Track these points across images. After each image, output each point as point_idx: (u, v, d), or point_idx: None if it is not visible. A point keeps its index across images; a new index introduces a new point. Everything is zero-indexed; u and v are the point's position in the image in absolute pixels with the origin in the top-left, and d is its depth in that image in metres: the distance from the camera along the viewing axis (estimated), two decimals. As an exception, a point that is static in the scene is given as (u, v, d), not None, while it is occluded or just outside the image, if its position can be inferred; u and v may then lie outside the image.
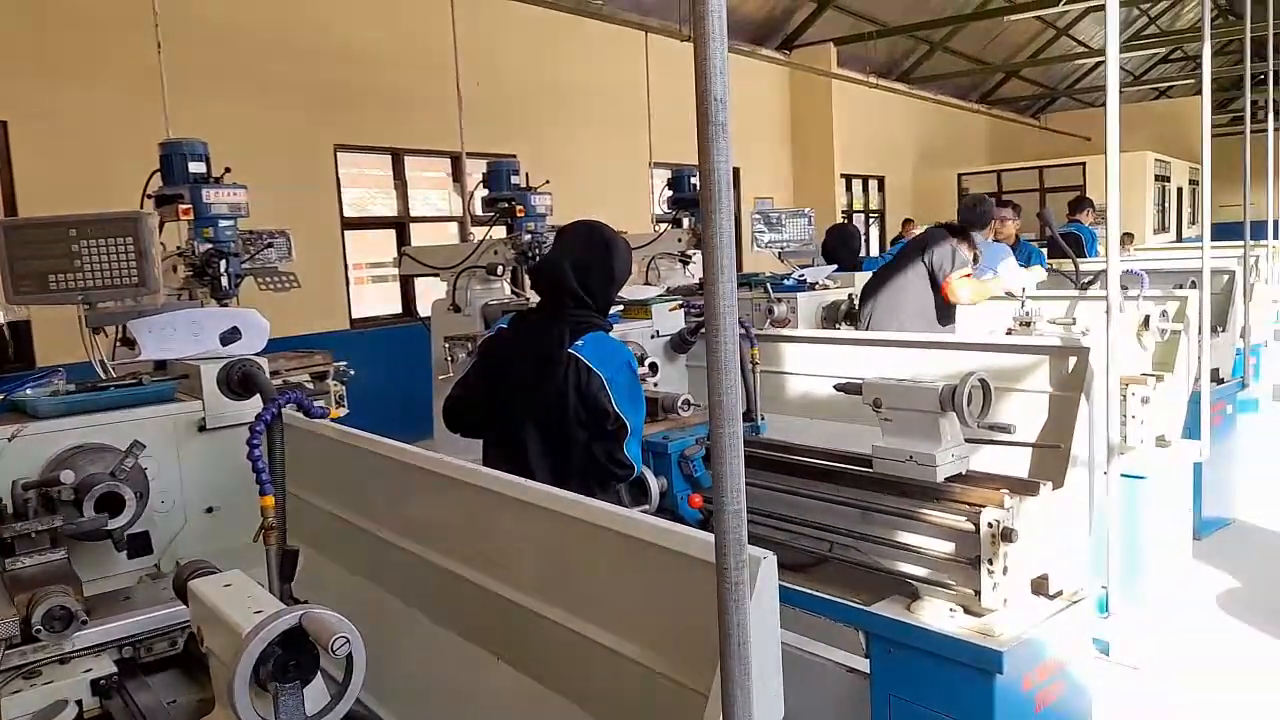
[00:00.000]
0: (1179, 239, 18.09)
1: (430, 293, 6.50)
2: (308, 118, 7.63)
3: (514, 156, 6.36)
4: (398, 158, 8.61)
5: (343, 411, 3.97)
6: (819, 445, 2.92)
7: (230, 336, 2.66)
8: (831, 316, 5.20)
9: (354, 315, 8.30)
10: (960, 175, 16.30)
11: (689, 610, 1.08)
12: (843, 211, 13.96)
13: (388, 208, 8.90)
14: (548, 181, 5.50)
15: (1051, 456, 2.55)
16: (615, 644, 1.22)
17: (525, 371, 2.65)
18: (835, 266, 5.66)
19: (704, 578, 0.99)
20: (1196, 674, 3.63)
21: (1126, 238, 12.12)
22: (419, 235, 8.85)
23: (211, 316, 2.74)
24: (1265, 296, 6.72)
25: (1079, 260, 5.30)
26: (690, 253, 6.58)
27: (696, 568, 1.05)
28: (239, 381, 2.49)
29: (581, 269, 2.68)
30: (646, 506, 2.84)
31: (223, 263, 3.42)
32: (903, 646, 2.35)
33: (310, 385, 3.93)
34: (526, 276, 5.44)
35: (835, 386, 2.83)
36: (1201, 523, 4.90)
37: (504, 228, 5.41)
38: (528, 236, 5.23)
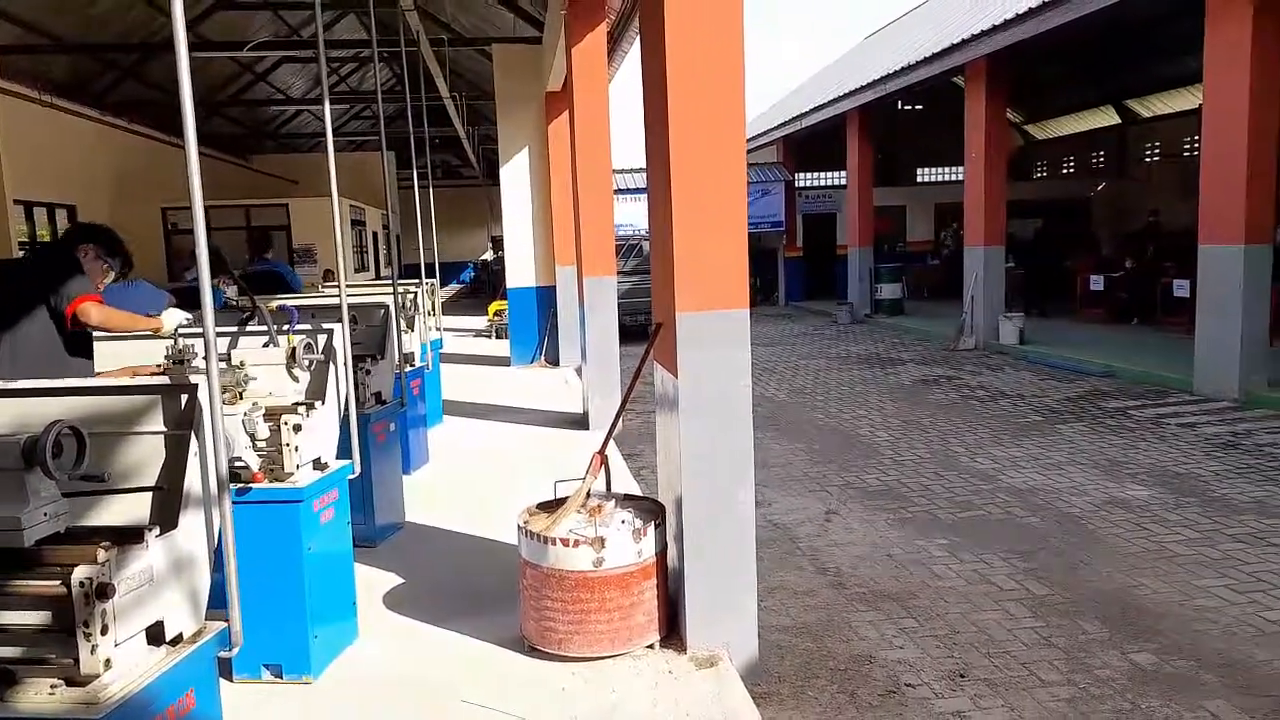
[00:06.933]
0: (378, 277, 20.04)
1: None
2: None
3: None
4: None
5: None
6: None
7: None
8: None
9: None
10: (166, 210, 15.48)
11: None
12: (20, 243, 12.07)
13: None
14: None
15: (166, 498, 2.48)
16: None
17: None
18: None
19: None
20: (367, 678, 3.93)
21: (329, 274, 12.92)
22: None
23: None
24: (424, 327, 7.81)
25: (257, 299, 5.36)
26: None
27: None
28: None
29: None
30: None
31: None
32: (-13, 745, 2.03)
33: None
34: None
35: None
36: (375, 530, 5.41)
37: None
38: None
